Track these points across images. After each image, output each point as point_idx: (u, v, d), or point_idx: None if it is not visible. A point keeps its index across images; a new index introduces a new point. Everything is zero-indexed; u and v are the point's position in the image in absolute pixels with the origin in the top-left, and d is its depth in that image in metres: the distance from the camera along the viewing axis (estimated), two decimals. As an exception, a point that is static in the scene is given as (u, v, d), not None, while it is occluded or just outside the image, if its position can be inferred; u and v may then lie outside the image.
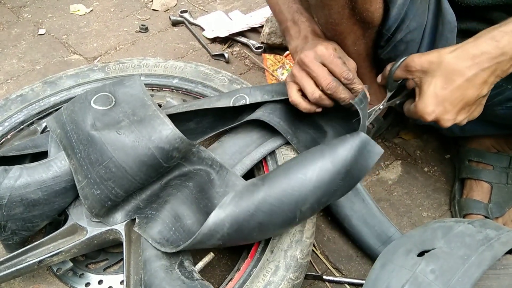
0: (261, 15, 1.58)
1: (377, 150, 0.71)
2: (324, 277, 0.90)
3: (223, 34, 1.52)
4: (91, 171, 0.77)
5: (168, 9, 1.71)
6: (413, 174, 1.12)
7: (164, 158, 0.78)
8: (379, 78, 0.83)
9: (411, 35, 0.82)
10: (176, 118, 0.87)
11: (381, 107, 0.83)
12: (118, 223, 0.80)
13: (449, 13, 0.80)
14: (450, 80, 0.69)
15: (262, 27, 1.49)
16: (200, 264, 0.77)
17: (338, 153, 0.70)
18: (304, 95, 0.82)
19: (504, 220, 0.98)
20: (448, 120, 0.72)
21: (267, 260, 0.74)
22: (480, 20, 0.78)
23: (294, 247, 0.75)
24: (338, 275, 0.92)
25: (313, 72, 0.78)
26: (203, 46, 1.51)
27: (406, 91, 0.80)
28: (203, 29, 1.58)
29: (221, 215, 0.68)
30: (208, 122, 0.95)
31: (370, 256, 0.94)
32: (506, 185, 1.00)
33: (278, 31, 1.43)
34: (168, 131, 0.77)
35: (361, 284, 0.88)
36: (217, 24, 1.58)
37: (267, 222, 0.69)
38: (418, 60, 0.72)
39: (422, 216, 1.03)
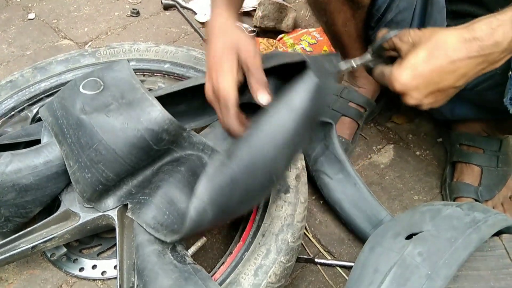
0: (254, -1, 1.56)
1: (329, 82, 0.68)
2: (316, 260, 0.91)
3: (216, 18, 1.51)
4: (82, 155, 0.77)
5: (159, -7, 1.69)
6: (405, 158, 1.12)
7: (154, 140, 0.77)
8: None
9: (401, 15, 0.82)
10: (166, 102, 0.87)
11: (355, 66, 0.77)
12: (110, 209, 0.80)
13: None
14: (434, 56, 0.64)
15: (255, 10, 1.48)
16: (193, 249, 0.77)
17: (295, 104, 0.66)
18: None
19: (494, 203, 0.99)
20: (413, 98, 0.67)
21: (259, 243, 0.75)
22: (471, 2, 0.78)
23: (285, 230, 0.76)
24: (329, 258, 0.93)
25: None
26: (195, 30, 1.49)
27: (385, 57, 0.75)
28: (195, 13, 1.56)
29: (201, 205, 0.67)
30: (198, 103, 0.94)
31: (361, 239, 0.95)
32: (496, 169, 1.01)
33: (271, 15, 1.42)
34: (156, 113, 0.77)
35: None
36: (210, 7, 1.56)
37: (246, 196, 0.68)
38: (413, 33, 0.68)
39: (414, 200, 1.04)
